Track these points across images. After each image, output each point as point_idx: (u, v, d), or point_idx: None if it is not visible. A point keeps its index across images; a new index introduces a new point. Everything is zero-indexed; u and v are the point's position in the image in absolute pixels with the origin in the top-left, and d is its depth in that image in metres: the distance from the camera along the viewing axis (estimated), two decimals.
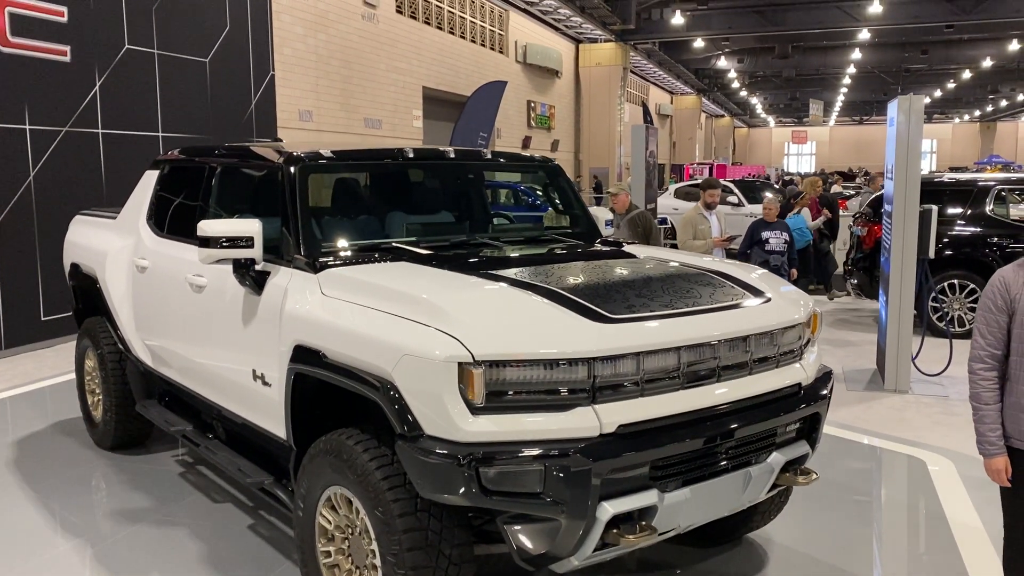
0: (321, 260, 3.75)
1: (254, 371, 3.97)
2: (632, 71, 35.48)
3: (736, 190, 17.36)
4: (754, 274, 3.98)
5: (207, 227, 3.80)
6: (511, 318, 3.14)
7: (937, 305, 9.48)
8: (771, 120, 62.12)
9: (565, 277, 3.65)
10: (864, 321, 10.79)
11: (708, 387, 3.30)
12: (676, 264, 4.08)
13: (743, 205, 16.91)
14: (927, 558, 4.51)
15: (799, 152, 61.87)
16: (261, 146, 4.45)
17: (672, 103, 44.17)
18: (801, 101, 48.66)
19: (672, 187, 20.25)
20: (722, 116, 55.37)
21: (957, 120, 61.68)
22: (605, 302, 3.27)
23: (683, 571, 4.18)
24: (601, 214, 5.13)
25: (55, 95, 9.03)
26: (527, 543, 3.06)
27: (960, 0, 27.28)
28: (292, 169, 4.03)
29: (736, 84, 44.04)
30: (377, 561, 3.18)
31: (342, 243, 4.05)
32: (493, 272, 3.62)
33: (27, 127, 8.74)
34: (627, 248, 4.48)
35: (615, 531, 3.03)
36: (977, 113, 57.62)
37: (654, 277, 3.74)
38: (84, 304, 6.02)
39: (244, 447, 4.50)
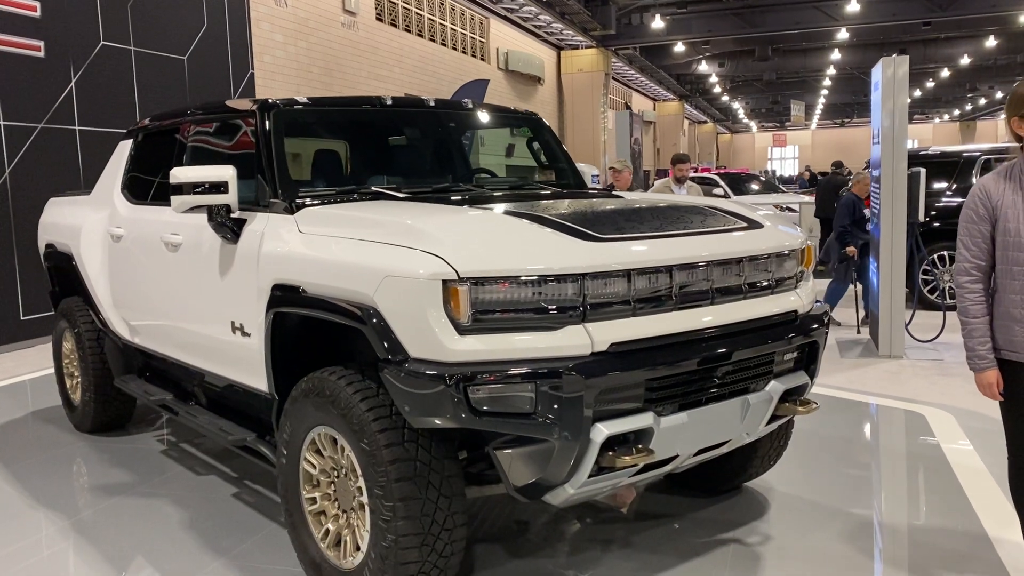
0: (298, 202, 3.62)
1: (232, 323, 3.84)
2: (614, 78, 35.50)
3: (722, 183, 17.35)
4: (748, 209, 3.88)
5: (180, 174, 3.68)
6: (496, 237, 3.03)
7: (927, 278, 9.42)
8: (753, 125, 62.29)
9: (552, 208, 3.54)
10: (852, 300, 10.68)
11: (702, 309, 3.19)
12: (667, 200, 3.99)
13: (729, 196, 16.88)
14: (931, 498, 4.40)
15: (782, 156, 62.09)
16: (234, 100, 4.32)
17: (655, 109, 44.20)
18: (783, 105, 48.82)
19: (658, 183, 20.23)
20: (705, 122, 55.47)
21: (937, 120, 62.01)
22: (594, 225, 3.16)
23: (683, 520, 4.05)
24: (588, 169, 5.04)
25: (30, 91, 8.88)
26: (520, 468, 2.93)
27: None
28: (266, 115, 3.92)
29: (718, 89, 44.11)
30: (364, 498, 3.04)
31: (319, 188, 3.94)
32: (478, 206, 3.51)
33: (1, 123, 8.59)
34: (616, 193, 4.38)
35: (611, 453, 2.90)
36: (957, 112, 57.94)
37: (644, 208, 3.63)
38: (60, 286, 5.87)
39: (225, 411, 4.36)
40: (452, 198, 3.77)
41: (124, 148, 5.28)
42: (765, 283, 3.44)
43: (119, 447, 5.36)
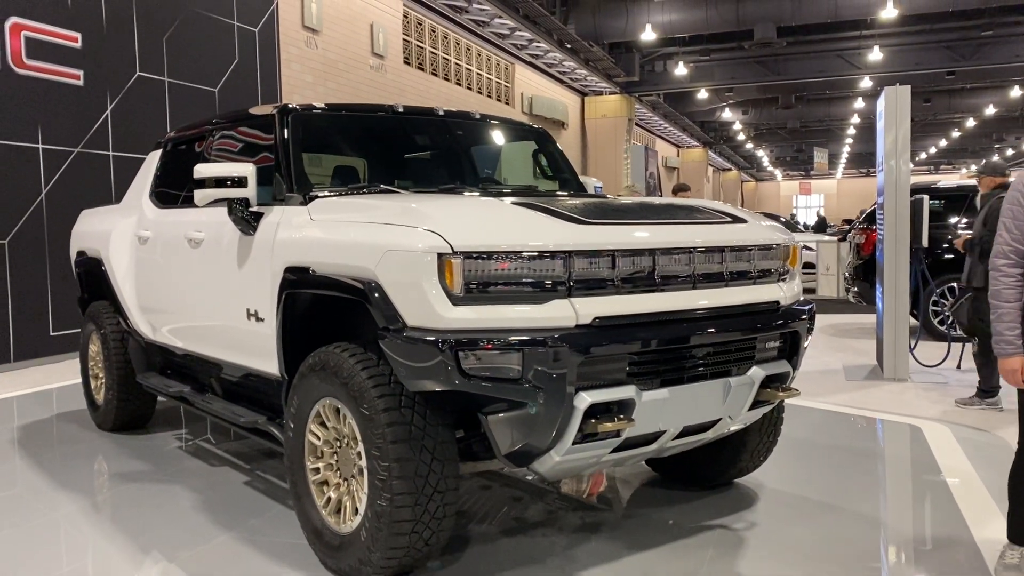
0: (311, 194, 3.88)
1: (248, 310, 4.07)
2: (638, 124, 35.90)
3: None
4: (736, 208, 4.08)
5: (203, 169, 3.96)
6: (490, 218, 3.26)
7: (937, 308, 9.51)
8: (778, 173, 62.55)
9: (547, 200, 3.76)
10: (865, 331, 10.79)
11: (684, 292, 3.39)
12: (660, 201, 4.21)
13: None
14: (918, 497, 4.52)
15: (807, 204, 62.18)
16: (255, 107, 4.62)
17: (679, 156, 44.61)
18: (807, 153, 49.02)
19: None
20: (729, 170, 55.81)
21: (964, 171, 61.92)
22: (582, 212, 3.38)
23: (672, 509, 4.19)
24: (591, 181, 5.27)
25: (68, 117, 9.31)
26: (507, 433, 3.12)
27: (959, 47, 27.73)
28: (285, 117, 4.21)
29: (742, 136, 44.48)
30: (363, 463, 3.23)
31: (332, 184, 4.20)
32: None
33: (40, 146, 9.01)
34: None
35: (593, 420, 3.08)
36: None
37: (634, 204, 3.86)
38: (89, 291, 6.14)
39: (240, 400, 4.58)
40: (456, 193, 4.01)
41: (153, 158, 5.59)
42: (747, 273, 3.63)
43: (138, 443, 5.58)
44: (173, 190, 5.23)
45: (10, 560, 3.73)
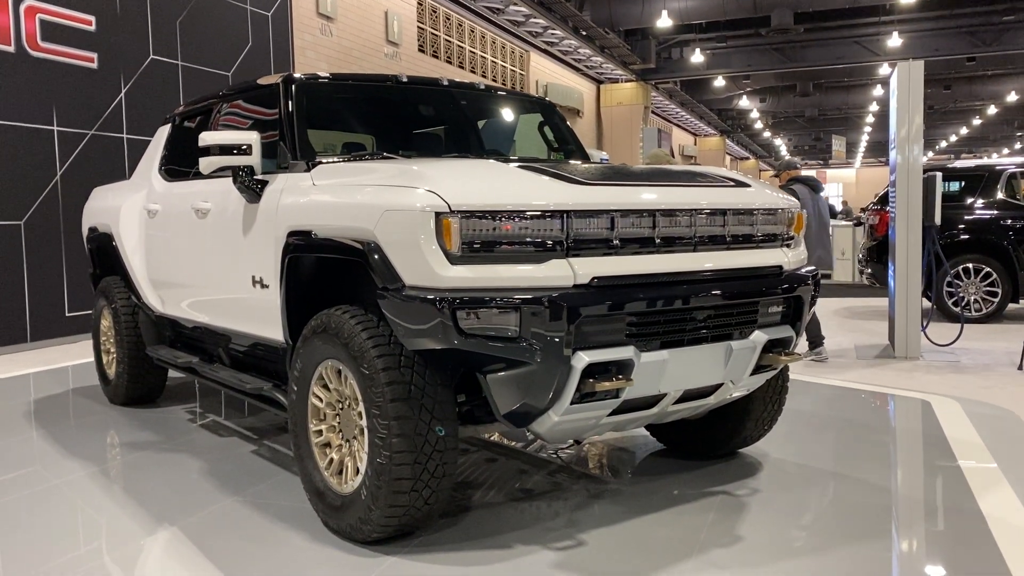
0: (314, 162, 3.90)
1: (253, 277, 4.10)
2: (654, 112, 35.77)
3: None
4: (740, 174, 4.07)
5: (208, 137, 3.97)
6: (489, 178, 3.26)
7: (952, 290, 9.45)
8: (797, 162, 62.23)
9: (548, 164, 3.76)
10: (878, 314, 10.72)
11: (684, 254, 3.39)
12: (666, 167, 4.20)
13: None
14: (924, 465, 4.50)
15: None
16: (262, 77, 4.64)
17: (696, 144, 44.41)
18: (825, 142, 48.69)
19: None
20: (747, 159, 55.54)
21: (986, 159, 61.33)
22: (583, 174, 3.38)
23: (675, 477, 4.19)
24: (598, 154, 5.27)
25: (82, 99, 9.38)
26: (506, 392, 3.12)
27: (981, 32, 27.42)
28: (290, 86, 4.23)
29: (759, 125, 44.21)
30: (364, 422, 3.25)
31: (336, 153, 4.22)
32: None
33: (55, 128, 9.08)
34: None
35: (591, 380, 3.09)
36: (1006, 151, 57.26)
37: (634, 169, 3.85)
38: (100, 267, 6.20)
39: (246, 370, 4.62)
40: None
41: (163, 132, 5.64)
42: (750, 236, 3.62)
43: (149, 416, 5.64)
44: (182, 164, 5.27)
45: (24, 522, 3.79)
